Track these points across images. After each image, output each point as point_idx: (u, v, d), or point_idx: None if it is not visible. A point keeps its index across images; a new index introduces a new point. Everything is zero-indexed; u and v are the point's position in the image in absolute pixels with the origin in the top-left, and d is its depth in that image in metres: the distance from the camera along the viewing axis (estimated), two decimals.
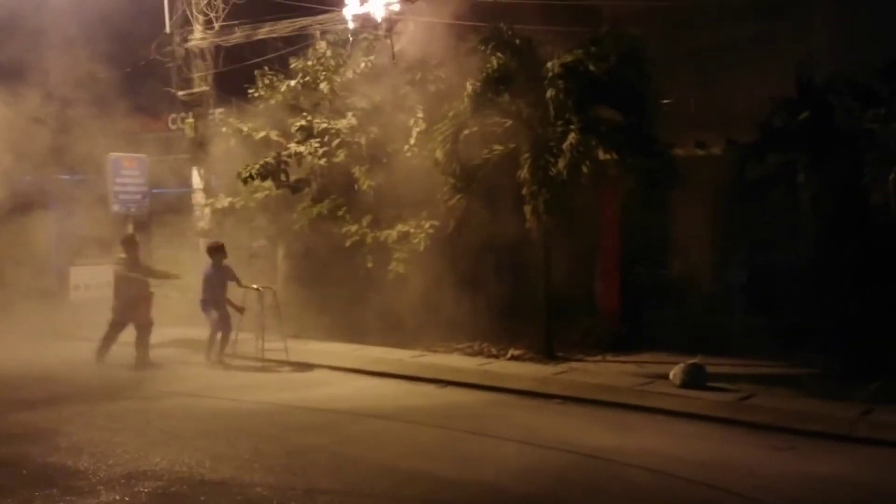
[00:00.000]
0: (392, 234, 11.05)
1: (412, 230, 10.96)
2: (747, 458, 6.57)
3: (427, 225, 10.88)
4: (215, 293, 10.37)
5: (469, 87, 10.10)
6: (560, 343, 10.49)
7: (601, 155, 9.68)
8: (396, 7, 10.26)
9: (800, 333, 9.45)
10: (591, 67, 9.40)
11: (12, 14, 12.04)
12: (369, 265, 11.18)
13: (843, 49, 9.51)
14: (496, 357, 10.42)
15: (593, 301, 11.68)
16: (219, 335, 10.28)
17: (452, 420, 7.69)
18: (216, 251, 10.55)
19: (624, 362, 10.03)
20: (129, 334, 10.57)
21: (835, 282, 8.90)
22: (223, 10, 12.69)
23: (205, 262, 10.79)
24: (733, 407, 7.89)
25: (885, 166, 8.06)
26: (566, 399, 8.42)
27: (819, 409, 7.65)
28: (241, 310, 10.38)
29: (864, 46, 9.27)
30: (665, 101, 10.25)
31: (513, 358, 10.30)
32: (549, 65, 9.63)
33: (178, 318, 11.64)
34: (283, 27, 11.73)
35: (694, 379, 8.48)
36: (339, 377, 9.82)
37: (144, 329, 10.41)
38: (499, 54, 9.93)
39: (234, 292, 10.47)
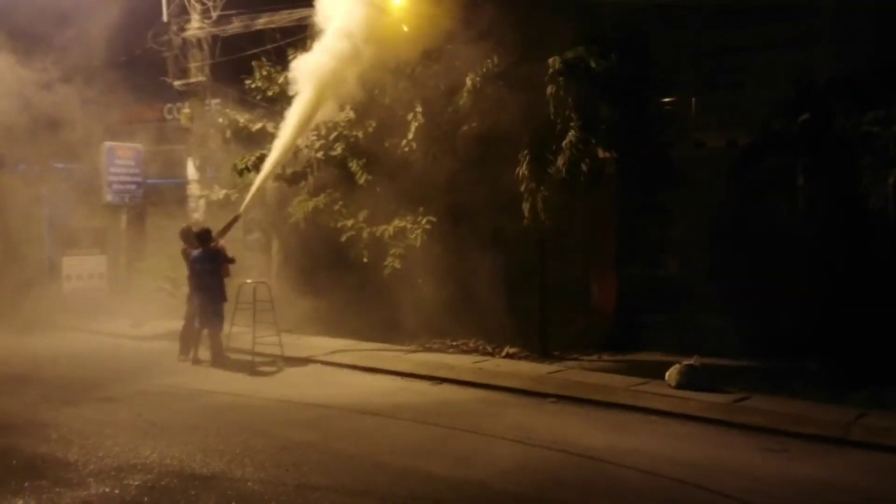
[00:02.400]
0: (388, 229, 10.97)
1: (409, 226, 10.89)
2: (740, 460, 6.55)
3: (424, 221, 10.82)
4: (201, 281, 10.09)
5: (469, 83, 10.04)
6: (556, 342, 10.46)
7: (600, 153, 9.65)
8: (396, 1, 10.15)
9: (796, 336, 9.44)
10: (593, 65, 9.34)
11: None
12: (365, 260, 11.11)
13: (845, 52, 9.48)
14: (491, 355, 10.38)
15: (590, 300, 11.64)
16: (205, 331, 10.08)
17: (446, 418, 7.65)
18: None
19: (619, 362, 10.00)
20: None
21: (831, 286, 8.87)
22: (221, 0, 12.59)
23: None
24: (728, 409, 7.86)
25: (884, 170, 8.03)
26: (561, 398, 8.39)
27: (813, 413, 7.63)
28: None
29: (865, 49, 9.24)
30: (666, 101, 10.20)
31: (508, 356, 10.26)
32: (550, 61, 9.57)
33: (171, 311, 11.56)
34: (282, 18, 11.63)
35: (689, 380, 8.46)
36: (332, 373, 9.77)
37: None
38: (500, 50, 9.88)
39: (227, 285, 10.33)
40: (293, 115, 10.08)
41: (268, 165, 10.48)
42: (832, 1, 9.90)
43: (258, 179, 10.65)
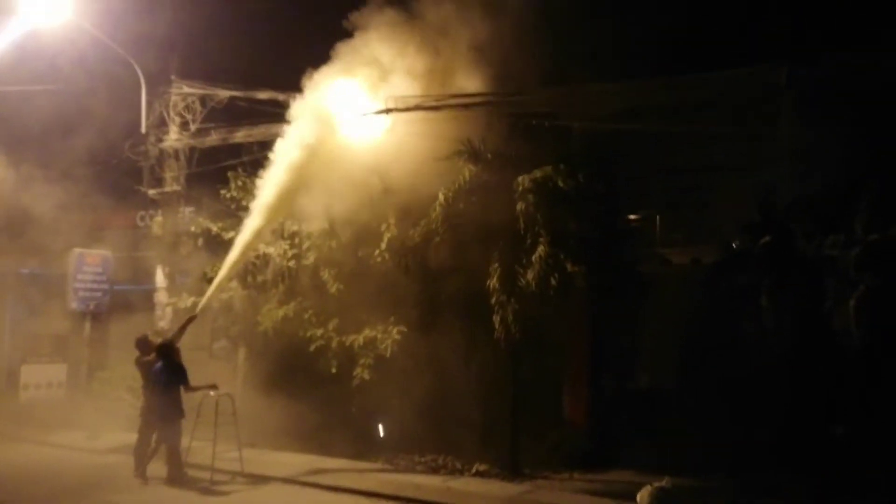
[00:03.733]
0: (358, 338, 10.84)
1: (379, 335, 10.78)
2: None
3: (394, 331, 10.72)
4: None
5: (441, 197, 10.22)
6: (527, 458, 10.20)
7: (570, 267, 9.75)
8: (369, 121, 10.40)
9: (769, 450, 9.33)
10: (560, 184, 9.59)
11: None
12: (333, 370, 10.91)
13: (806, 173, 9.84)
14: (461, 472, 10.07)
15: (561, 414, 11.47)
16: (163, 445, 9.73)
17: None
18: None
19: (591, 481, 9.73)
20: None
21: (800, 401, 8.86)
22: (200, 113, 12.85)
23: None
24: None
25: (846, 291, 8.19)
26: None
27: None
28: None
29: (824, 170, 9.60)
30: (633, 218, 10.43)
31: (477, 474, 9.96)
32: (519, 179, 9.81)
33: (130, 422, 11.15)
34: (260, 132, 11.85)
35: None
36: (294, 492, 9.37)
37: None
38: (471, 166, 10.13)
39: (186, 400, 9.99)
40: (253, 221, 10.20)
41: (225, 267, 10.45)
42: (792, 126, 10.36)
43: (215, 281, 10.59)
